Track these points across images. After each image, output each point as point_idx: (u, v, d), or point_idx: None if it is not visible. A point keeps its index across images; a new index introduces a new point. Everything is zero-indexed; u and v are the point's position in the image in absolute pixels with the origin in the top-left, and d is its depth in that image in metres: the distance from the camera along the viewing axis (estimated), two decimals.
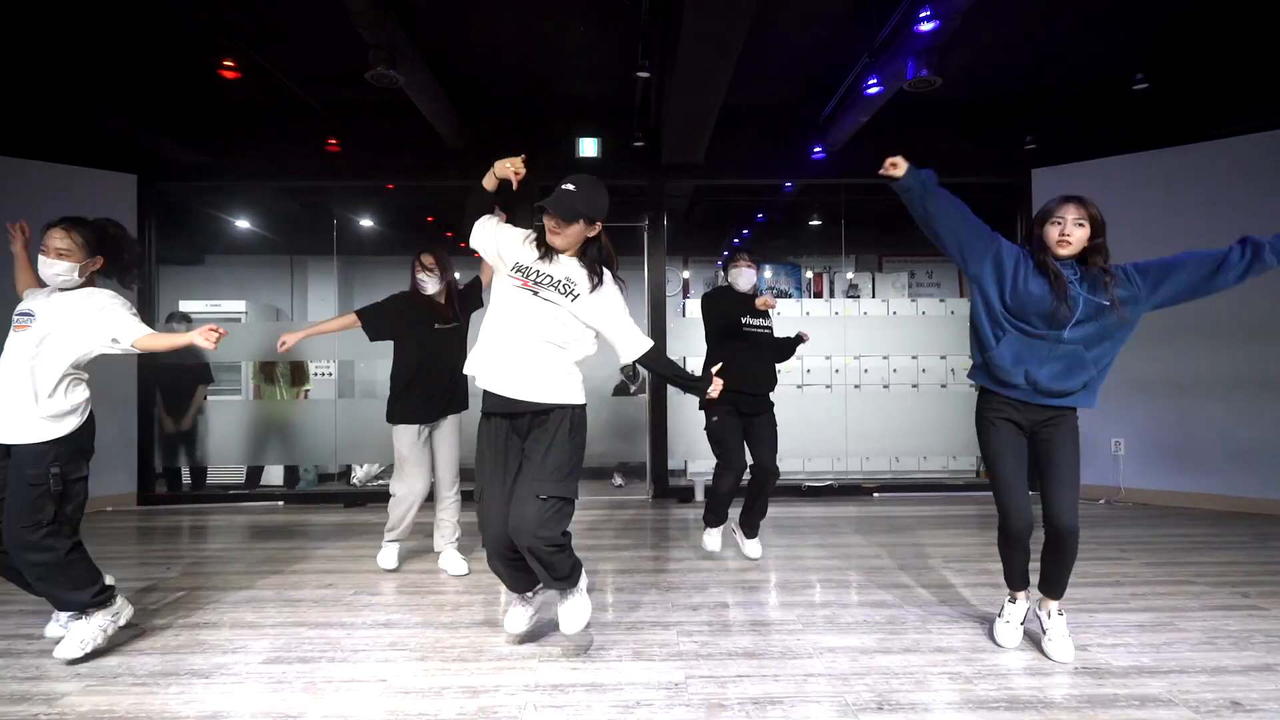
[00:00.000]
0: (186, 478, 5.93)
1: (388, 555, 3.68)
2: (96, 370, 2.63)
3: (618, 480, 6.64)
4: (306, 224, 7.48)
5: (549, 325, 2.44)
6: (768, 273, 8.24)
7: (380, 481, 6.65)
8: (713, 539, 3.83)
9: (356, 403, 6.78)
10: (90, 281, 2.65)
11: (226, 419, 5.87)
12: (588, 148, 5.67)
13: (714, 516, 3.81)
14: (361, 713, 2.16)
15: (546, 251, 2.48)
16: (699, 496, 5.65)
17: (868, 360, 6.86)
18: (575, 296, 2.45)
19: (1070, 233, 2.40)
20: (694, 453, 6.07)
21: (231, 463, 5.97)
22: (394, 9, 3.78)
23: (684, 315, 6.80)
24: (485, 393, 2.50)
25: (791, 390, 6.60)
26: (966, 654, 2.56)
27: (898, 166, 2.49)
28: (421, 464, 3.59)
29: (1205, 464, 5.21)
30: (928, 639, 2.70)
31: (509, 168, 2.58)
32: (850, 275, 7.96)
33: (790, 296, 7.69)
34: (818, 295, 7.91)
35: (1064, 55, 4.87)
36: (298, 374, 6.65)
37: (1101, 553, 3.92)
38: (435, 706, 2.19)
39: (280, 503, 5.70)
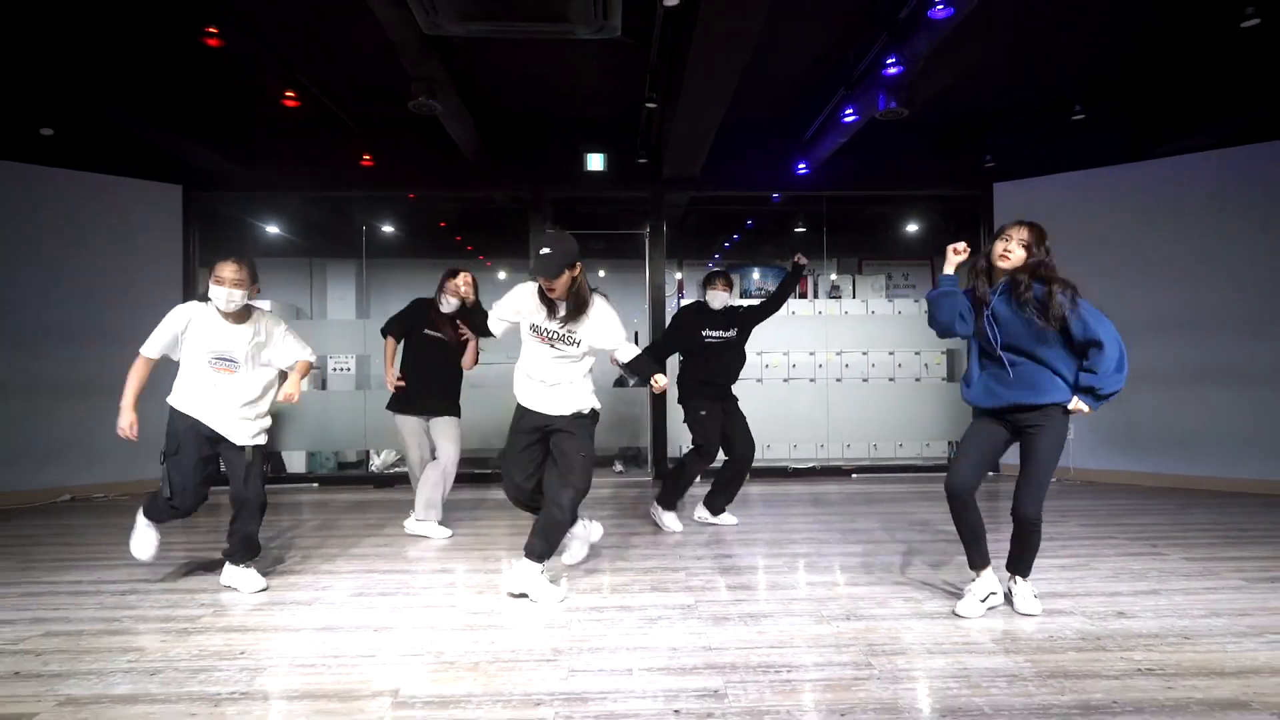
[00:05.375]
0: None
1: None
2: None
3: (618, 467, 7.22)
4: (327, 228, 8.02)
5: (564, 368, 3.15)
6: (755, 274, 8.86)
7: (399, 468, 7.21)
8: (674, 520, 4.35)
9: (378, 394, 7.31)
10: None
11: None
12: (594, 163, 6.27)
13: (675, 499, 4.37)
14: (442, 624, 2.74)
15: (550, 306, 3.09)
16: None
17: (849, 356, 7.48)
18: (578, 341, 3.12)
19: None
20: (690, 440, 6.66)
21: (270, 449, 6.50)
22: (435, 47, 4.35)
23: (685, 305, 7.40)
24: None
25: (778, 383, 7.22)
26: (920, 584, 3.18)
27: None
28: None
29: (1145, 447, 5.90)
30: (890, 576, 3.33)
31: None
32: (833, 277, 8.59)
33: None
34: (802, 296, 8.51)
35: (1018, 83, 5.52)
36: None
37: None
38: (500, 620, 2.78)
39: (315, 485, 6.26)
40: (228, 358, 3.16)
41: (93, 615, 2.86)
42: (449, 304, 4.19)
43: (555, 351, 3.13)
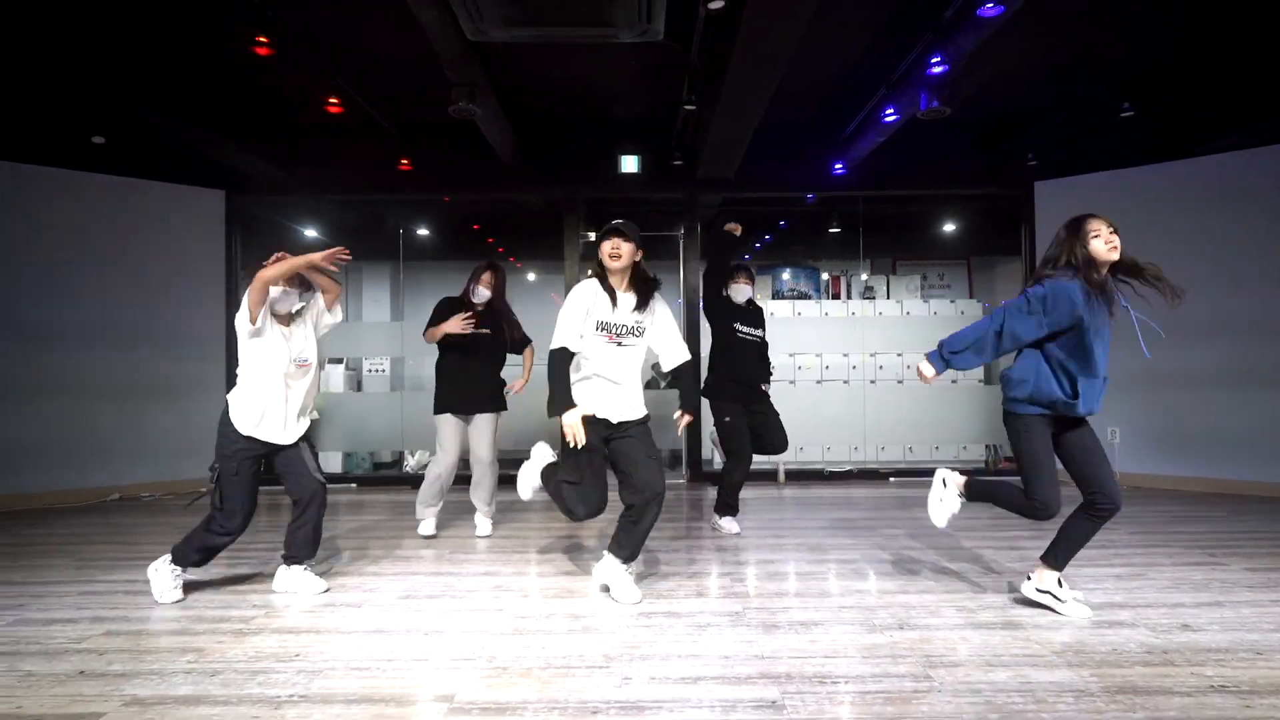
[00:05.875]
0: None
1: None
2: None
3: None
4: (363, 231, 8.10)
5: (630, 362, 3.10)
6: (786, 275, 8.79)
7: None
8: (731, 523, 4.36)
9: (413, 395, 7.39)
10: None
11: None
12: (629, 164, 6.26)
13: (731, 507, 4.36)
14: (491, 629, 2.74)
15: (610, 290, 3.04)
16: None
17: (883, 358, 7.40)
18: (644, 331, 3.12)
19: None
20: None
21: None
22: (475, 53, 4.37)
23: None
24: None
25: (811, 385, 7.17)
26: (971, 594, 3.12)
27: (924, 376, 2.92)
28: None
29: (1191, 450, 5.75)
30: (940, 583, 3.27)
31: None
32: (864, 277, 8.50)
33: (809, 298, 8.26)
34: (835, 297, 8.46)
35: (1061, 80, 5.41)
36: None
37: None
38: (549, 625, 2.78)
39: (354, 485, 6.33)
40: (305, 357, 3.20)
41: (150, 615, 2.91)
42: (480, 295, 4.20)
43: (621, 347, 3.07)
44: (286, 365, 3.13)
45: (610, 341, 3.06)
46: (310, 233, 7.57)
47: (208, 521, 3.09)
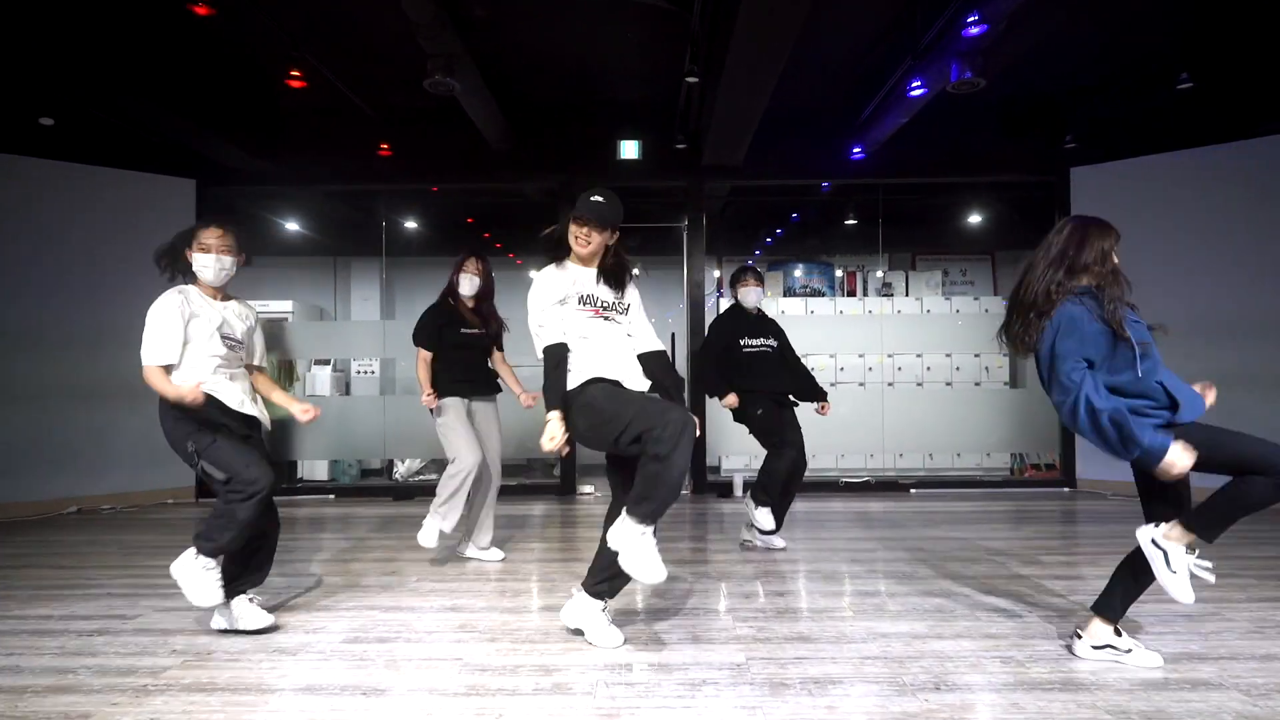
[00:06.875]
0: None
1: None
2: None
3: None
4: (350, 225, 7.70)
5: (624, 339, 2.72)
6: (799, 271, 8.29)
7: (422, 477, 6.85)
8: (767, 516, 3.91)
9: (400, 399, 6.97)
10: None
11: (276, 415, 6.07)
12: (629, 150, 5.80)
13: (769, 495, 3.91)
14: (443, 687, 2.29)
15: (569, 267, 2.66)
16: (737, 492, 5.75)
17: (901, 358, 6.91)
18: (628, 308, 2.75)
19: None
20: (729, 449, 6.19)
21: (284, 458, 6.17)
22: (452, 20, 3.93)
23: (720, 312, 6.90)
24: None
25: (825, 388, 6.67)
26: (1017, 640, 2.64)
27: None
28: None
29: None
30: (978, 626, 2.79)
31: None
32: (882, 273, 7.99)
33: (823, 295, 7.76)
34: (851, 294, 7.95)
35: (1105, 55, 4.90)
36: (287, 374, 6.89)
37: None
38: (512, 683, 2.32)
39: (331, 496, 5.90)
40: (233, 337, 2.79)
41: (46, 664, 2.48)
42: (471, 284, 3.80)
43: (608, 322, 2.67)
44: (215, 339, 2.71)
45: (597, 316, 2.65)
46: (292, 226, 7.18)
47: (222, 497, 2.62)
